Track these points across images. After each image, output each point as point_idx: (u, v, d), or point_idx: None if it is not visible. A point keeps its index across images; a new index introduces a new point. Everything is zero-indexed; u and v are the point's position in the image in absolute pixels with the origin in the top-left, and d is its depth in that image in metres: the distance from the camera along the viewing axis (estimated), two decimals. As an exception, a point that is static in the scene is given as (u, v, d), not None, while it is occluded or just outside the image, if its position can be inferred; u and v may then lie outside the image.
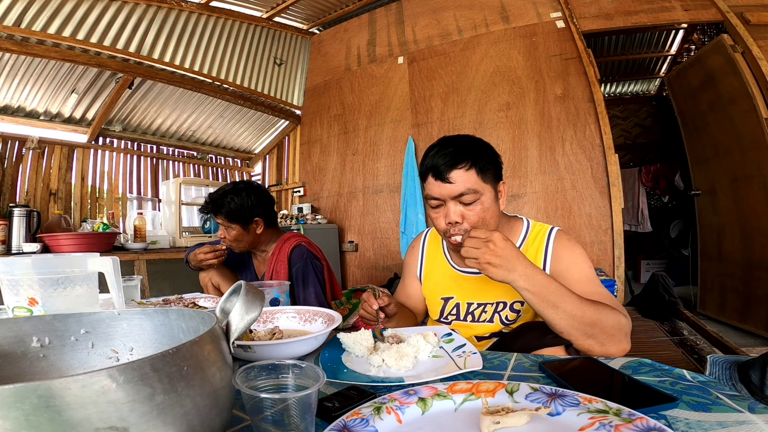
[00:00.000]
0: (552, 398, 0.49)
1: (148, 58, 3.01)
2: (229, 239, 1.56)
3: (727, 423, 0.44)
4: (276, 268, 1.59)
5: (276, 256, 1.60)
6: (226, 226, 1.55)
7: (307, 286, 1.55)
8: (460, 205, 0.93)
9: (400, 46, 3.66)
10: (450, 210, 0.93)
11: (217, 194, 1.56)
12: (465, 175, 0.91)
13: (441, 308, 1.09)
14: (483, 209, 0.93)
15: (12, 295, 0.72)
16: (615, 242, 2.67)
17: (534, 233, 1.03)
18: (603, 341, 0.78)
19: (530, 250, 1.01)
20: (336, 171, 3.93)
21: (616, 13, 2.93)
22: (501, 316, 1.00)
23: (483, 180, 0.92)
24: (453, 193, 0.91)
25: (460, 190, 0.91)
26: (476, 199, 0.92)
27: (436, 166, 0.92)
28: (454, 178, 0.91)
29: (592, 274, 0.94)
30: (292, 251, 1.60)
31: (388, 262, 3.56)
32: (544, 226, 1.04)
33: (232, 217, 1.53)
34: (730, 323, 2.86)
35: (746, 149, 2.68)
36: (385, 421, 0.47)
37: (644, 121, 5.27)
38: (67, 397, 0.28)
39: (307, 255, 1.59)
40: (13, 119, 2.89)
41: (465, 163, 0.91)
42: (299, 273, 1.56)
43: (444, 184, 0.91)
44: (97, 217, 3.15)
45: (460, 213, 0.93)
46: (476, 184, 0.91)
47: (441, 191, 0.93)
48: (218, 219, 1.55)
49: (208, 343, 0.39)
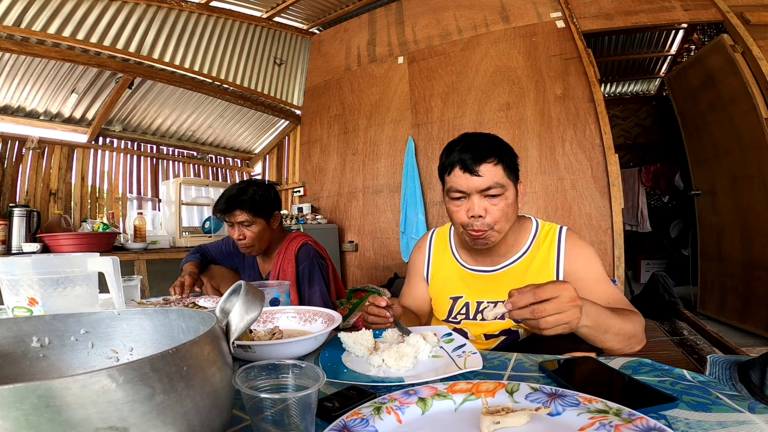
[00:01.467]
0: (552, 398, 0.49)
1: (148, 58, 3.01)
2: (251, 237, 1.49)
3: (727, 423, 0.44)
4: (283, 267, 1.58)
5: (283, 254, 1.60)
6: (249, 222, 1.47)
7: (313, 285, 1.55)
8: (485, 199, 0.94)
9: (400, 46, 3.66)
10: (474, 203, 0.94)
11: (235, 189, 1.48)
12: (493, 169, 0.92)
13: (449, 308, 1.08)
14: (506, 205, 0.94)
15: (12, 295, 0.72)
16: (615, 242, 2.67)
17: (544, 232, 1.04)
18: (633, 345, 0.82)
19: (542, 249, 1.02)
20: (336, 171, 3.93)
21: (616, 13, 2.93)
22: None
23: (508, 177, 0.94)
24: (480, 187, 0.93)
25: (488, 183, 0.92)
26: (501, 194, 0.93)
27: (463, 159, 0.93)
28: (483, 172, 0.92)
29: (604, 273, 0.97)
30: (299, 250, 1.59)
31: (388, 262, 3.56)
32: (552, 225, 1.05)
33: (257, 210, 1.48)
34: (730, 323, 2.86)
35: (746, 149, 2.68)
36: (385, 421, 0.47)
37: (644, 121, 5.27)
38: (67, 397, 0.28)
39: (313, 254, 1.59)
40: (13, 119, 2.89)
41: (493, 158, 0.93)
42: (305, 271, 1.56)
43: (472, 176, 0.92)
44: (97, 217, 3.15)
45: (483, 207, 0.94)
46: (503, 179, 0.93)
47: (468, 184, 0.93)
48: (240, 216, 1.46)
49: (208, 343, 0.39)
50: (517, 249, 1.04)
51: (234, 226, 1.51)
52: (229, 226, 1.52)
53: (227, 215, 1.49)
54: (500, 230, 0.96)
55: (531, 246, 1.03)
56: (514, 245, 1.04)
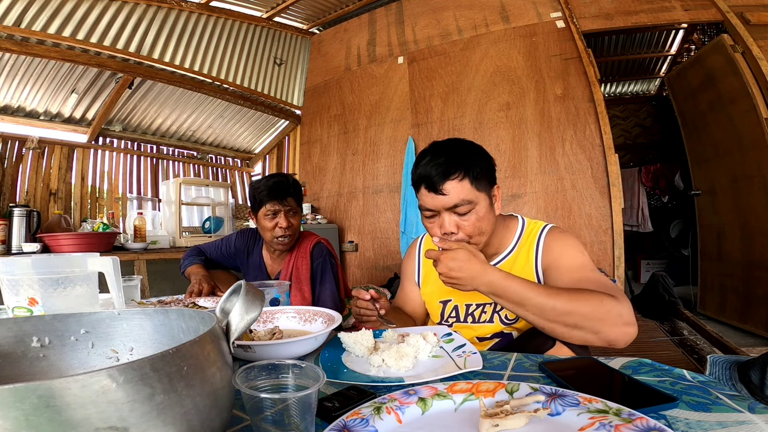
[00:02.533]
0: (552, 398, 0.49)
1: (148, 58, 3.01)
2: (296, 226, 1.54)
3: (727, 423, 0.44)
4: (297, 265, 1.57)
5: (296, 252, 1.59)
6: (294, 210, 1.53)
7: (324, 283, 1.56)
8: (455, 215, 0.91)
9: (400, 46, 3.66)
10: (445, 221, 0.91)
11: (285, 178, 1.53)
12: (458, 185, 0.89)
13: (441, 311, 1.09)
14: (478, 218, 0.91)
15: (12, 295, 0.72)
16: (615, 242, 2.67)
17: (528, 231, 1.03)
18: (595, 329, 0.75)
19: (523, 248, 1.01)
20: (336, 171, 3.93)
21: (616, 13, 2.93)
22: (500, 316, 1.00)
23: (477, 188, 0.90)
24: (447, 205, 0.90)
25: (454, 201, 0.89)
26: (471, 209, 0.90)
27: (428, 177, 0.90)
28: (448, 190, 0.89)
29: (583, 261, 0.92)
30: (313, 248, 1.60)
31: (388, 262, 3.56)
32: (538, 223, 1.04)
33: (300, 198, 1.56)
34: (730, 323, 2.86)
35: (746, 149, 2.68)
36: (385, 421, 0.47)
37: (644, 121, 5.27)
38: (67, 397, 0.28)
39: (326, 252, 1.60)
40: (13, 119, 2.89)
41: (458, 174, 0.89)
42: (318, 269, 1.57)
43: (437, 195, 0.89)
44: (97, 217, 3.15)
45: (455, 223, 0.91)
46: (470, 194, 0.89)
47: (435, 203, 0.91)
48: (290, 202, 1.50)
49: (208, 343, 0.39)
50: (502, 250, 1.03)
51: (279, 215, 1.49)
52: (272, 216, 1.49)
53: (281, 202, 1.48)
54: (477, 242, 0.94)
55: (515, 247, 1.02)
56: (499, 246, 1.03)
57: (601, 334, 0.75)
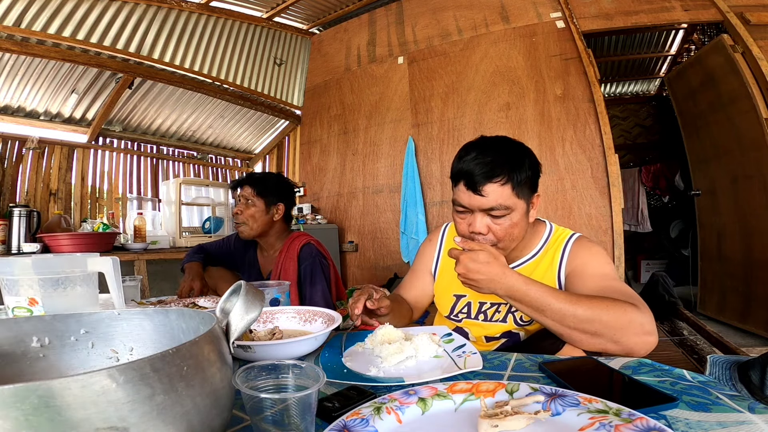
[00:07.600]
0: (552, 398, 0.49)
1: (148, 58, 3.01)
2: (247, 214, 1.56)
3: (727, 423, 0.44)
4: (285, 266, 1.58)
5: (285, 253, 1.60)
6: (249, 197, 1.55)
7: (315, 284, 1.55)
8: (488, 217, 0.89)
9: (400, 46, 3.66)
10: (476, 221, 0.89)
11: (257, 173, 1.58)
12: (499, 189, 0.86)
13: (452, 305, 1.07)
14: (511, 224, 0.89)
15: (12, 295, 0.72)
16: (615, 242, 2.67)
17: (554, 238, 1.01)
18: (616, 337, 0.73)
19: (548, 254, 0.99)
20: (336, 171, 3.93)
21: (616, 13, 2.93)
22: (515, 317, 0.98)
23: (517, 195, 0.87)
24: (483, 206, 0.87)
25: (491, 204, 0.86)
26: (506, 214, 0.88)
27: (470, 175, 0.86)
28: (487, 192, 0.86)
29: (608, 270, 0.90)
30: (301, 249, 1.60)
31: (388, 262, 3.56)
32: (566, 231, 1.02)
33: (261, 189, 1.56)
34: (730, 323, 2.86)
35: (746, 149, 2.68)
36: (385, 421, 0.47)
37: (644, 121, 5.27)
38: (67, 397, 0.28)
39: (316, 253, 1.60)
40: (13, 119, 2.89)
41: (502, 177, 0.85)
42: (307, 271, 1.56)
43: (475, 195, 0.87)
44: (97, 217, 3.15)
45: (486, 225, 0.89)
46: (509, 199, 0.86)
47: (471, 201, 0.88)
48: (245, 191, 1.55)
49: (208, 343, 0.39)
50: (525, 254, 1.01)
51: (238, 202, 1.59)
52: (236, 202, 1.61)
53: (235, 191, 1.59)
54: (505, 247, 0.92)
55: (540, 251, 1.00)
56: (523, 249, 1.01)
57: (621, 343, 0.73)
